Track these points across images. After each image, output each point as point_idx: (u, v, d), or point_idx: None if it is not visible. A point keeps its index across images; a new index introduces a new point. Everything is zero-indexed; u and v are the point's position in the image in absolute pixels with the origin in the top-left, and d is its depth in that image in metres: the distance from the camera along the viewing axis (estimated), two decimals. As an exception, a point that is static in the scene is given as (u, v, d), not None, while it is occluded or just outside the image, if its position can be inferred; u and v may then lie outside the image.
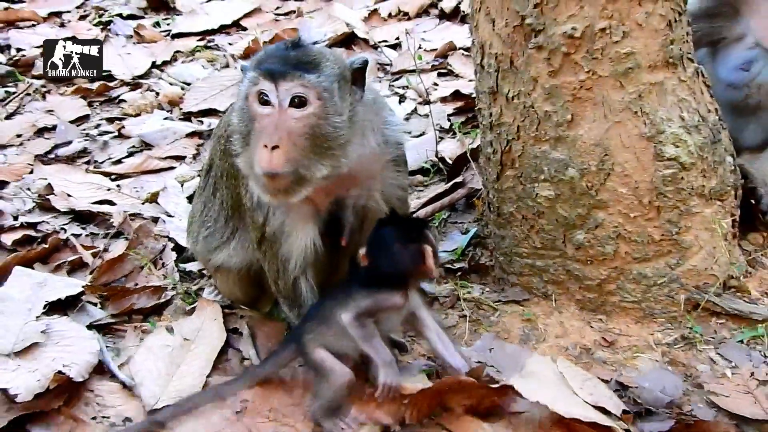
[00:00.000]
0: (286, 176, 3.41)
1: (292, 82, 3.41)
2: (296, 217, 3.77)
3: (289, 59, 3.46)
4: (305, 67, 3.44)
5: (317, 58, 3.50)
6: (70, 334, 4.12)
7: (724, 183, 4.03)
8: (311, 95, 3.42)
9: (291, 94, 3.42)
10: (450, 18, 8.15)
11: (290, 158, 3.39)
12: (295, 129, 3.41)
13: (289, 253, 3.83)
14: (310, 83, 3.42)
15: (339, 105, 3.49)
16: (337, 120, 3.48)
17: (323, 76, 3.45)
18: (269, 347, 4.16)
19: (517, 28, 3.87)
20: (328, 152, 3.49)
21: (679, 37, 3.87)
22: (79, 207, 5.46)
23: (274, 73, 3.42)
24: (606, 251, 3.99)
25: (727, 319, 4.05)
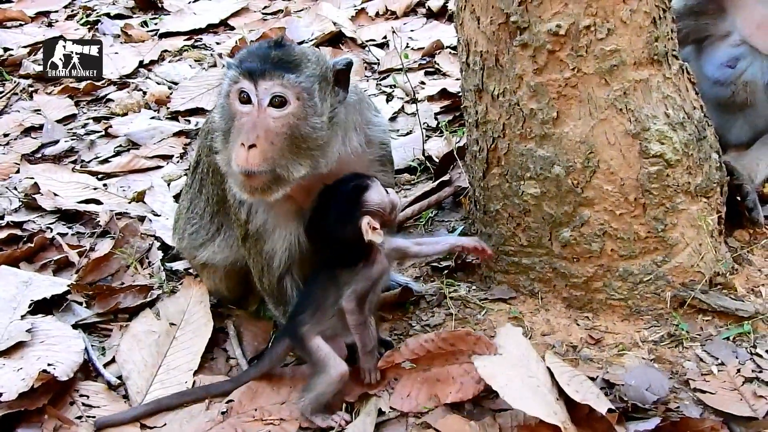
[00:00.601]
0: (262, 175, 3.43)
1: (272, 81, 3.42)
2: (279, 214, 3.77)
3: (270, 58, 3.47)
4: (286, 66, 3.44)
5: (298, 58, 3.51)
6: (56, 333, 4.12)
7: (709, 180, 4.03)
8: (290, 95, 3.43)
9: (270, 94, 3.43)
10: (437, 17, 8.14)
11: (267, 157, 3.40)
12: (274, 128, 3.42)
13: (272, 250, 3.83)
14: (290, 83, 3.42)
15: (319, 106, 3.50)
16: (316, 121, 3.49)
17: (303, 76, 3.46)
18: (256, 346, 4.17)
19: (502, 25, 3.87)
20: (306, 152, 3.50)
21: (664, 34, 3.87)
22: (65, 206, 5.45)
23: (254, 72, 3.43)
24: (592, 249, 3.98)
25: (714, 316, 4.04)
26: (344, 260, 3.69)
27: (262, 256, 3.87)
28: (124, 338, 4.12)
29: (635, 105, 3.82)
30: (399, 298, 4.34)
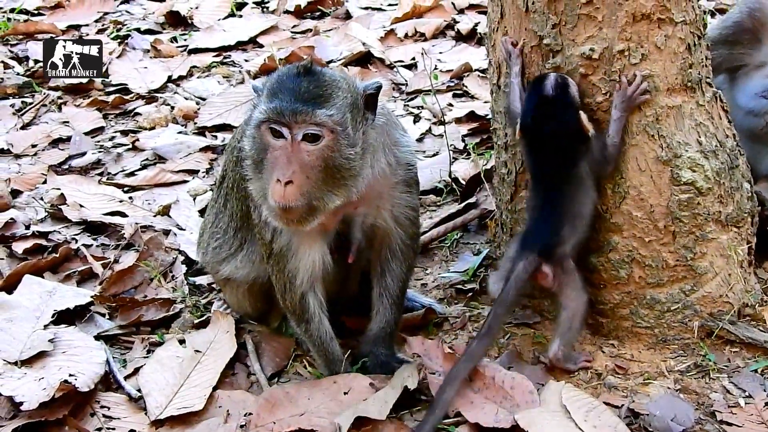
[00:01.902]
0: (299, 208, 3.44)
1: (305, 120, 3.41)
2: (303, 235, 3.76)
3: (301, 93, 3.44)
4: (317, 102, 3.43)
5: (329, 89, 3.49)
6: (78, 344, 4.13)
7: (740, 209, 4.00)
8: (324, 130, 3.43)
9: (304, 131, 3.42)
10: (466, 40, 8.12)
11: (304, 192, 3.42)
12: (308, 162, 3.43)
13: (295, 269, 3.83)
14: (323, 120, 3.41)
15: (352, 136, 3.51)
16: (350, 152, 3.50)
17: (335, 108, 3.46)
18: (277, 362, 4.16)
19: (534, 48, 3.86)
20: (341, 182, 3.51)
21: (698, 61, 3.85)
22: (90, 218, 5.46)
23: (285, 111, 3.41)
24: (620, 275, 3.95)
25: (742, 348, 4.01)
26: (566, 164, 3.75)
27: (284, 274, 3.86)
28: (149, 362, 4.12)
29: (667, 131, 3.79)
30: (422, 320, 4.34)
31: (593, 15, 3.69)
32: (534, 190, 3.89)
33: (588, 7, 3.68)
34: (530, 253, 3.74)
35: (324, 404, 3.73)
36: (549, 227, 3.75)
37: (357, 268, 4.12)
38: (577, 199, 3.77)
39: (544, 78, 3.75)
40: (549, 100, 3.72)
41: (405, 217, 3.95)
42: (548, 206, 3.77)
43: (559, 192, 3.76)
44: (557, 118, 3.71)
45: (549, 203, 3.77)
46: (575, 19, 3.72)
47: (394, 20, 8.66)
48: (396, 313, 4.10)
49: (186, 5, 9.30)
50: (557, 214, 3.75)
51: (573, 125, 3.69)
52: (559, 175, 3.76)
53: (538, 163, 3.83)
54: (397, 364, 3.99)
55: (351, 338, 4.22)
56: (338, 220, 3.80)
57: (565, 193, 3.76)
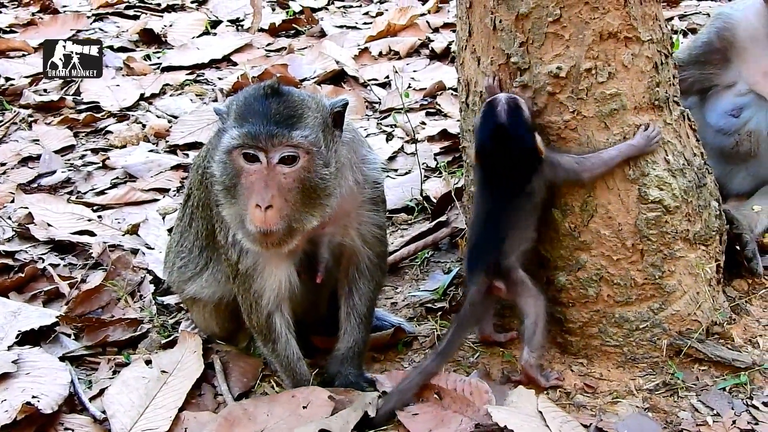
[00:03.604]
0: (279, 231, 3.43)
1: (281, 144, 3.40)
2: (270, 255, 3.72)
3: (272, 116, 3.42)
4: (291, 123, 3.41)
5: (300, 110, 3.47)
6: (42, 365, 4.08)
7: (708, 228, 4.00)
8: (300, 152, 3.42)
9: (280, 154, 3.41)
10: (440, 58, 8.15)
11: (283, 215, 3.42)
12: (286, 185, 3.43)
13: (262, 289, 3.80)
14: (299, 141, 3.40)
15: (326, 155, 3.50)
16: (326, 171, 3.50)
17: (309, 129, 3.44)
18: (245, 382, 4.12)
19: (502, 66, 3.86)
20: (318, 202, 3.51)
21: (666, 79, 3.86)
22: (58, 237, 5.41)
23: (261, 137, 3.39)
24: (588, 294, 3.94)
25: (710, 366, 4.00)
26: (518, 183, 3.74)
27: (251, 294, 3.83)
28: (114, 383, 4.06)
29: (635, 150, 3.79)
30: (392, 339, 4.31)
31: (560, 33, 3.70)
32: (479, 207, 3.89)
33: (555, 26, 3.69)
34: (479, 273, 3.77)
35: (283, 419, 3.71)
36: (492, 244, 3.77)
37: (325, 288, 4.10)
38: (521, 212, 3.78)
39: (496, 101, 3.75)
40: (502, 123, 3.72)
41: (372, 235, 3.93)
42: (491, 223, 3.80)
43: (503, 207, 3.78)
44: (511, 141, 3.71)
45: (492, 220, 3.79)
46: (542, 37, 3.72)
47: (369, 39, 8.68)
48: (364, 332, 4.07)
49: (160, 23, 9.32)
50: (499, 230, 3.77)
51: (527, 147, 3.69)
52: (507, 192, 3.77)
53: (489, 182, 3.84)
54: (366, 383, 3.98)
55: (319, 358, 4.20)
56: (305, 239, 3.77)
57: (509, 208, 3.77)
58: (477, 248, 3.84)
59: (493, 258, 3.76)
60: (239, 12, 9.69)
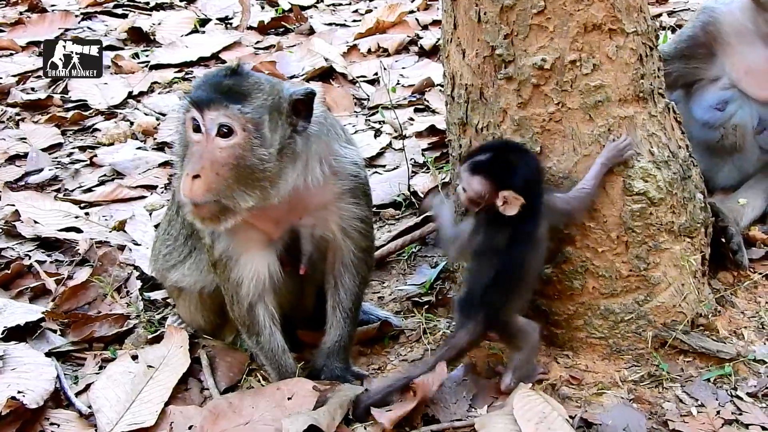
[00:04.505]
0: (208, 205, 3.44)
1: (217, 111, 3.41)
2: (243, 242, 3.76)
3: (220, 88, 3.46)
4: (233, 97, 3.43)
5: (248, 88, 3.48)
6: (28, 361, 4.07)
7: (693, 220, 4.00)
8: (236, 126, 3.42)
9: (217, 124, 3.42)
10: (429, 55, 8.14)
11: (211, 188, 3.41)
12: (219, 159, 3.42)
13: (240, 278, 3.81)
14: (235, 114, 3.41)
15: (268, 137, 3.47)
16: (263, 152, 3.47)
17: (251, 107, 3.44)
18: (231, 377, 4.12)
19: (487, 58, 3.86)
20: (254, 183, 3.49)
21: (650, 71, 3.86)
22: (45, 234, 5.40)
23: (201, 101, 3.43)
24: (573, 286, 3.94)
25: (695, 358, 4.01)
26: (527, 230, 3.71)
27: (230, 283, 3.84)
28: (100, 378, 4.06)
29: (620, 142, 3.80)
30: (378, 333, 4.32)
31: (544, 25, 3.70)
32: (482, 255, 3.78)
33: (539, 17, 3.69)
34: (473, 322, 3.73)
35: (269, 411, 3.71)
36: (496, 297, 3.71)
37: (311, 281, 4.11)
38: (529, 262, 3.74)
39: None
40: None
41: (353, 228, 3.92)
42: (498, 273, 3.69)
43: (511, 258, 3.69)
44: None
45: (499, 270, 3.69)
46: (527, 29, 3.72)
47: (358, 36, 8.69)
48: (350, 326, 4.08)
49: (148, 21, 9.29)
50: (506, 283, 3.71)
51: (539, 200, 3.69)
52: (515, 241, 3.70)
53: (492, 234, 3.74)
54: (352, 377, 3.99)
55: (306, 352, 4.20)
56: (283, 230, 3.80)
57: (518, 259, 3.71)
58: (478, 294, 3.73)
59: (495, 311, 3.73)
60: (228, 10, 9.67)
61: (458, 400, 3.79)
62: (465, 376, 3.94)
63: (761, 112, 4.91)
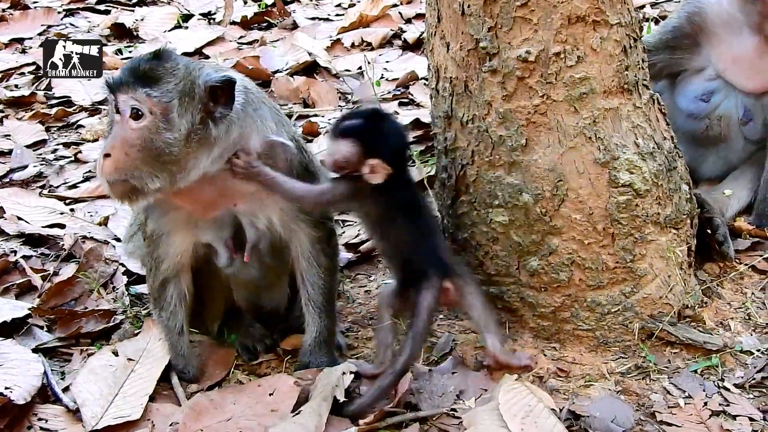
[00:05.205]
0: (118, 184, 3.50)
1: (127, 94, 3.45)
2: (171, 221, 3.85)
3: (135, 71, 3.49)
4: (144, 80, 3.46)
5: (161, 72, 3.50)
6: (15, 357, 4.05)
7: (679, 211, 4.01)
8: (144, 109, 3.45)
9: (128, 106, 3.45)
10: (413, 49, 8.14)
11: (119, 168, 3.46)
12: (128, 140, 3.46)
13: (163, 254, 3.91)
14: (143, 97, 3.44)
15: (176, 121, 3.49)
16: (169, 137, 3.49)
17: (159, 91, 3.46)
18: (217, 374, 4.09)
19: (471, 51, 3.86)
20: (161, 166, 3.52)
21: (634, 63, 3.87)
22: (29, 230, 5.38)
23: (114, 84, 3.49)
24: (560, 278, 3.95)
25: (682, 349, 4.02)
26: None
27: (152, 258, 3.95)
28: (81, 372, 4.04)
29: (605, 133, 3.80)
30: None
31: (528, 17, 3.70)
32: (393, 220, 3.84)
33: (523, 10, 3.69)
34: (433, 278, 3.77)
35: (250, 407, 3.72)
36: (440, 249, 3.89)
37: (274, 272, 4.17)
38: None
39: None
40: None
41: (299, 219, 3.91)
42: (427, 233, 3.87)
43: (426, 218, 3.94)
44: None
45: (426, 230, 3.87)
46: (511, 21, 3.72)
47: (341, 30, 8.68)
48: (326, 320, 4.06)
49: (131, 17, 9.28)
50: (437, 235, 3.95)
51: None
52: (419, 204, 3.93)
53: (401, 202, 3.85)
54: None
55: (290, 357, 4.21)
56: (216, 214, 3.84)
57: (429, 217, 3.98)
58: (426, 254, 3.82)
59: (447, 260, 3.87)
60: (211, 5, 9.66)
61: (444, 392, 3.79)
62: (453, 369, 3.94)
63: (746, 103, 4.94)
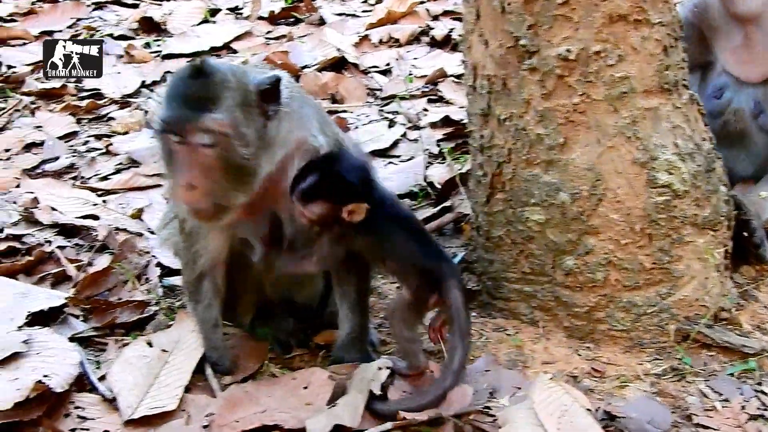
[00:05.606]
0: (206, 208, 3.52)
1: (195, 127, 3.41)
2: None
3: (190, 98, 3.43)
4: (206, 105, 3.41)
5: (217, 91, 3.45)
6: (52, 346, 4.04)
7: (717, 213, 4.01)
8: (215, 133, 3.43)
9: (198, 137, 3.43)
10: (441, 46, 8.13)
11: (206, 194, 3.48)
12: (207, 165, 3.46)
13: (202, 249, 3.90)
14: (211, 124, 3.41)
15: (246, 133, 3.50)
16: (244, 150, 3.50)
17: (224, 111, 3.43)
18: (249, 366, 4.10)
19: (510, 49, 3.86)
20: (242, 178, 3.55)
21: (675, 62, 3.87)
22: (63, 221, 5.40)
23: (173, 122, 3.44)
24: (596, 278, 3.95)
25: (718, 352, 4.01)
26: None
27: (189, 252, 3.95)
28: (116, 362, 4.05)
29: (644, 134, 3.80)
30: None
31: (569, 16, 3.71)
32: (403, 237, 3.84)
33: (564, 8, 3.70)
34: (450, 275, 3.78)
35: (285, 400, 3.72)
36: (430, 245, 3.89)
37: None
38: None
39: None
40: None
41: None
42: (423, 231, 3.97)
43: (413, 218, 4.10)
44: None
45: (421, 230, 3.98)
46: (551, 20, 3.73)
47: (369, 26, 8.66)
48: (359, 317, 4.05)
49: (159, 11, 9.26)
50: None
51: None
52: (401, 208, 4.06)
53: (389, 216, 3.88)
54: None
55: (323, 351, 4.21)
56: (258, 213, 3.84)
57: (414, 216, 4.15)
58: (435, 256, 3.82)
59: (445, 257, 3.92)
60: (238, 0, 9.66)
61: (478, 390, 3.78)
62: (486, 367, 3.94)
63: (756, 95, 4.89)
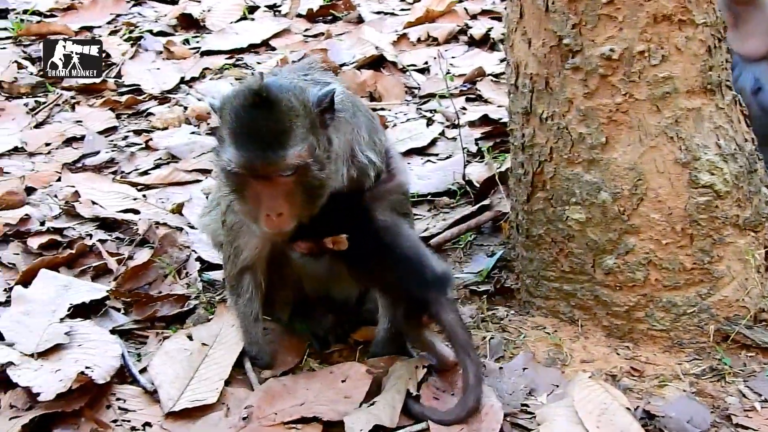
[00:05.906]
0: (293, 227, 3.59)
1: (278, 165, 3.42)
2: None
3: (264, 136, 3.41)
4: (282, 141, 3.41)
5: (288, 121, 3.43)
6: (94, 338, 4.10)
7: (759, 214, 3.99)
8: (294, 164, 3.44)
9: (289, 173, 3.46)
10: (479, 45, 8.16)
11: (293, 216, 3.54)
12: (290, 192, 3.50)
13: (242, 245, 3.96)
14: (293, 160, 3.43)
15: (320, 154, 3.53)
16: (323, 173, 3.55)
17: (300, 142, 3.44)
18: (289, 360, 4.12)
19: (553, 48, 3.86)
20: (318, 195, 3.60)
21: (718, 63, 3.86)
22: (104, 214, 5.46)
23: (257, 166, 3.44)
24: (636, 278, 3.94)
25: (758, 353, 4.00)
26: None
27: (231, 247, 4.00)
28: (157, 355, 4.10)
29: (686, 134, 3.80)
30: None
31: (614, 15, 3.70)
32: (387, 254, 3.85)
33: (608, 8, 3.70)
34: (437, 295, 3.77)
35: (323, 393, 3.77)
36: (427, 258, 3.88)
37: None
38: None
39: None
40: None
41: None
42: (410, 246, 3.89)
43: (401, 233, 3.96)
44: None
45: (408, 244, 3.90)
46: (595, 19, 3.73)
47: (407, 24, 8.70)
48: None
49: (198, 8, 9.33)
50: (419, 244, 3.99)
51: None
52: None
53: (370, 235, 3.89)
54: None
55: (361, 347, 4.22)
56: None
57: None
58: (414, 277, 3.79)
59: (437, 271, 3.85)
60: (276, -2, 9.72)
61: (515, 391, 3.80)
62: (524, 365, 3.95)
63: (755, 71, 4.85)
